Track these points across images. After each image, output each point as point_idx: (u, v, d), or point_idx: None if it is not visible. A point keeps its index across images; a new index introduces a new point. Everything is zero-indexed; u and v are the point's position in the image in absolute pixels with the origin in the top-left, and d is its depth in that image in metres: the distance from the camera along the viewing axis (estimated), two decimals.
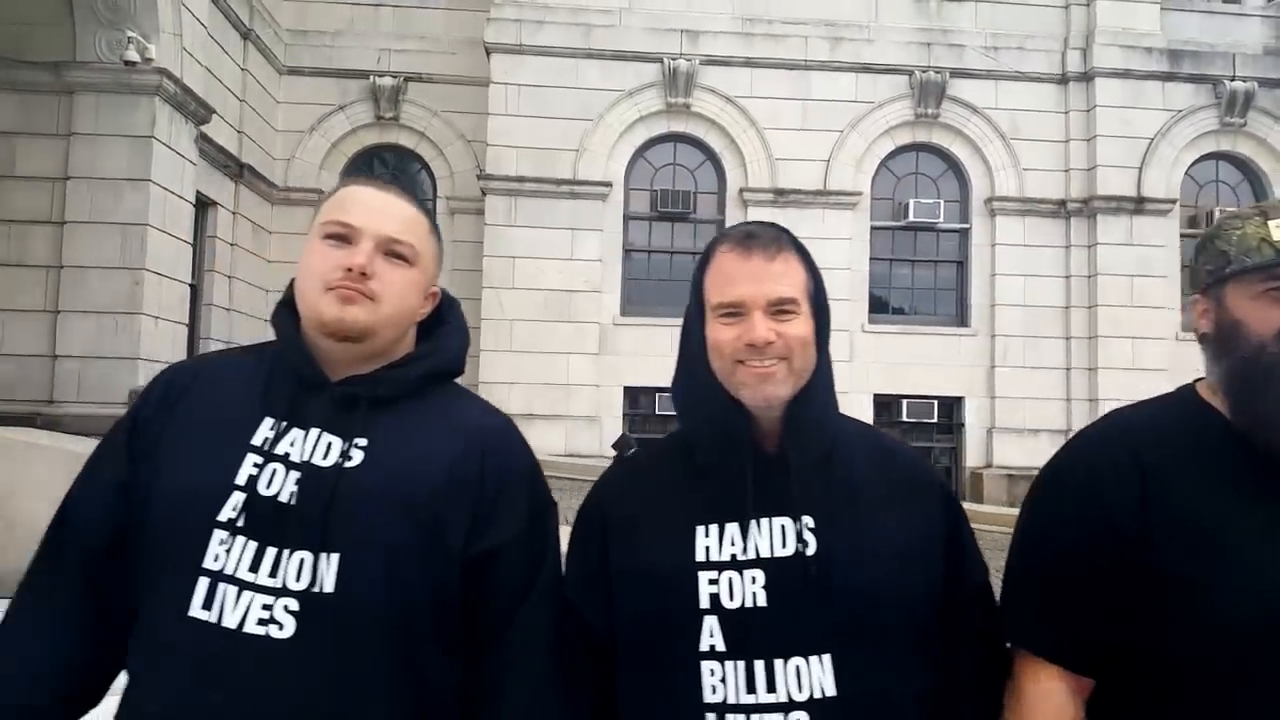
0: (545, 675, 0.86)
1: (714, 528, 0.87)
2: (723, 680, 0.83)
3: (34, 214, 6.01)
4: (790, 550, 0.85)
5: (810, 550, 0.85)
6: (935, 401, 8.98)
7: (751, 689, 0.82)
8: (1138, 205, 9.16)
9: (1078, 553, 0.86)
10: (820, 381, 0.90)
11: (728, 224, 9.37)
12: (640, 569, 0.87)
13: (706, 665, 0.83)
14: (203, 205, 7.55)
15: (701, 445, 0.90)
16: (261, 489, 0.82)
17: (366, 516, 0.81)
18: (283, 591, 0.79)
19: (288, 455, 0.83)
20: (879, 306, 9.18)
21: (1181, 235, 9.39)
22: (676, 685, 0.84)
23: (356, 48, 9.51)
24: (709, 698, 0.83)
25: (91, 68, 6.05)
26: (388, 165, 9.99)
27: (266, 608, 0.79)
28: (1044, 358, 9.19)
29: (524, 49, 8.70)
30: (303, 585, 0.79)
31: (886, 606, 0.85)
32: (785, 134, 8.88)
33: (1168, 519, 0.82)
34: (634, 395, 8.84)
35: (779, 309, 0.88)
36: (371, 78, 9.41)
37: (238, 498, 0.81)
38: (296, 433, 0.84)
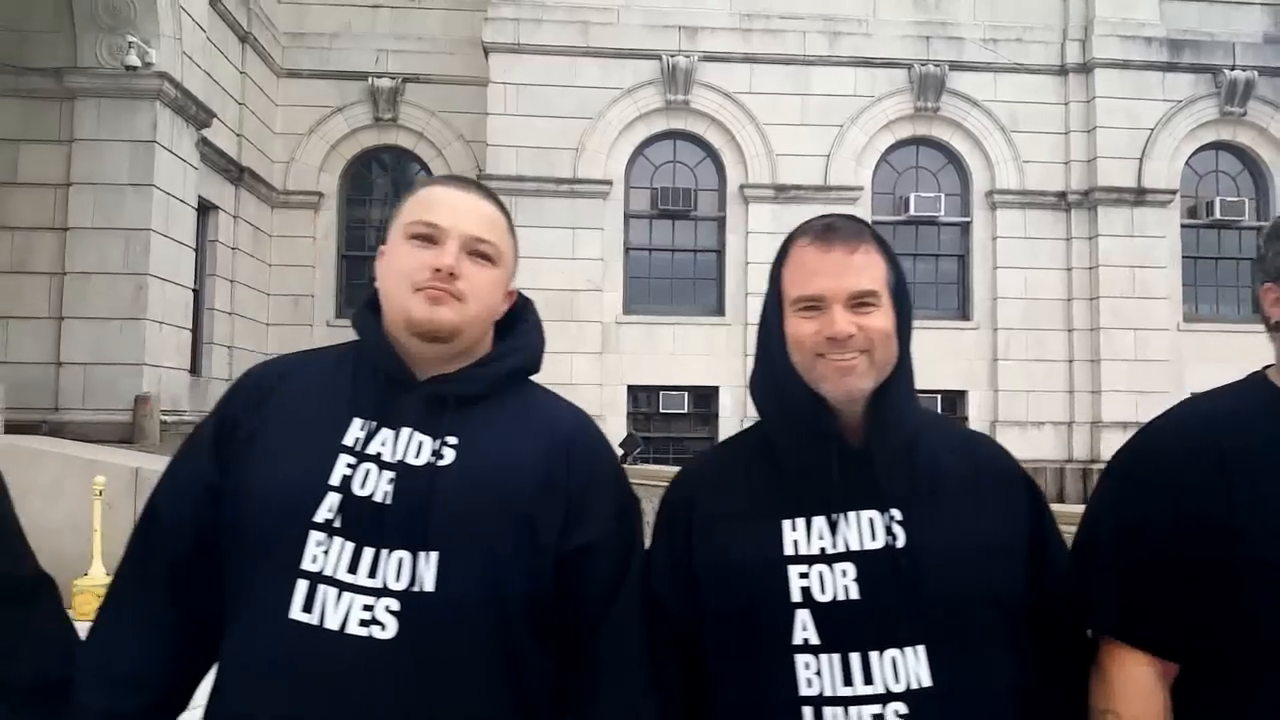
0: (639, 670, 0.87)
1: (800, 521, 0.87)
2: (818, 673, 0.83)
3: (37, 220, 6.02)
4: (879, 543, 0.85)
5: (899, 543, 0.85)
6: (939, 395, 8.98)
7: (848, 681, 0.83)
8: (1138, 196, 9.15)
9: (1162, 539, 0.86)
10: (902, 373, 0.90)
11: (729, 221, 9.41)
12: (727, 563, 0.87)
13: (801, 659, 0.84)
14: (203, 209, 7.56)
15: (785, 440, 0.90)
16: (356, 489, 0.82)
17: (463, 515, 0.82)
18: (383, 592, 0.79)
19: (379, 455, 0.83)
20: None
21: (1182, 226, 9.37)
22: (770, 679, 0.84)
23: (354, 49, 9.51)
24: (805, 691, 0.83)
25: (92, 73, 6.05)
26: (387, 167, 9.99)
27: (368, 608, 0.78)
28: (1046, 350, 9.19)
29: (522, 48, 8.69)
30: (403, 585, 0.79)
31: (976, 598, 0.85)
32: (785, 129, 8.87)
33: (1251, 504, 0.83)
34: (637, 394, 8.85)
35: (860, 302, 0.87)
36: (369, 79, 9.41)
37: (333, 499, 0.81)
38: (386, 433, 0.84)
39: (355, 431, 0.84)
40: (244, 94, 8.59)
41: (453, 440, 0.84)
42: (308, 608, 0.79)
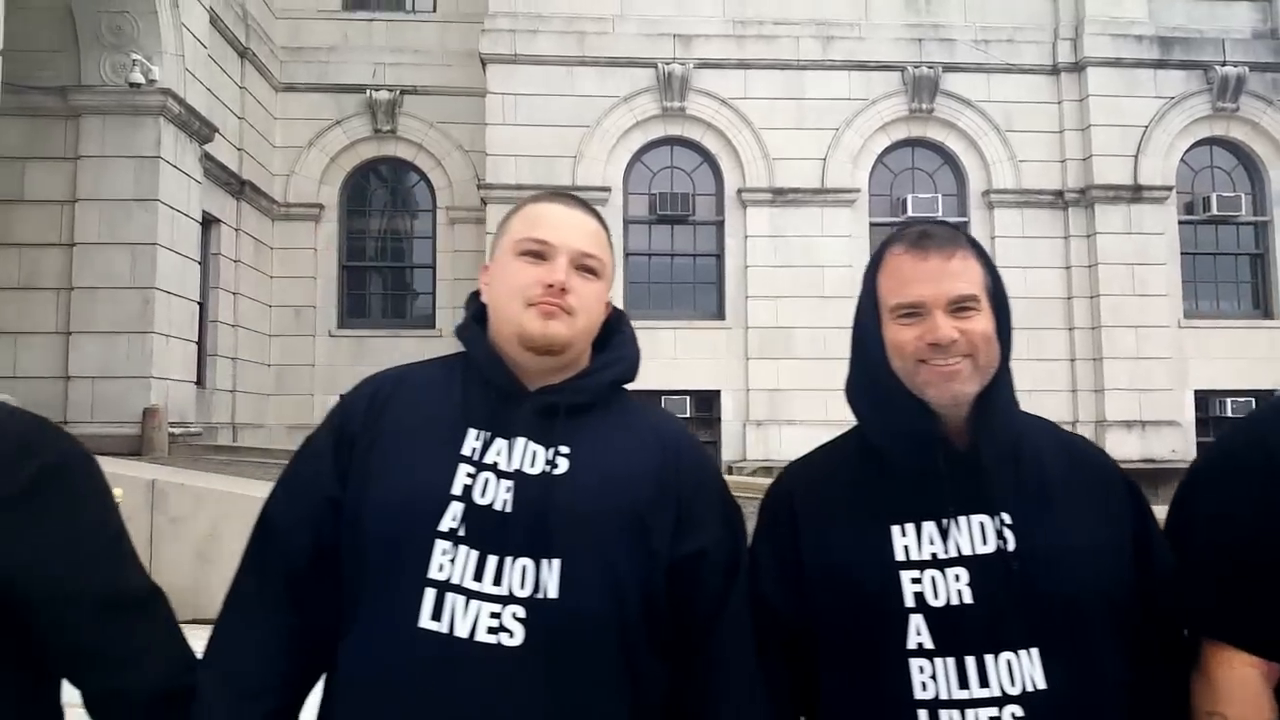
0: (752, 673, 0.89)
1: (910, 527, 0.89)
2: (933, 677, 0.85)
3: (43, 237, 6.09)
4: (991, 548, 0.87)
5: (1010, 546, 0.86)
6: None
7: (964, 684, 0.84)
8: (1135, 193, 9.19)
9: (1256, 537, 0.86)
10: (1004, 376, 0.91)
11: (727, 225, 9.46)
12: (838, 568, 0.90)
13: (915, 663, 0.86)
14: (205, 223, 7.63)
15: (890, 445, 0.92)
16: (476, 498, 0.84)
17: (582, 523, 0.84)
18: (509, 599, 0.81)
19: (496, 464, 0.86)
20: None
21: (1180, 222, 9.42)
22: (884, 682, 0.87)
23: (351, 62, 9.60)
24: (920, 694, 0.85)
25: (97, 91, 6.14)
26: (386, 178, 10.07)
27: (495, 616, 0.81)
28: (1047, 349, 9.21)
29: (519, 58, 8.78)
30: (527, 592, 0.82)
31: (1087, 600, 0.87)
32: (781, 133, 8.94)
33: None
34: (639, 399, 8.86)
35: (960, 306, 0.89)
36: (368, 91, 9.50)
37: (456, 507, 0.84)
38: (500, 442, 0.87)
39: (471, 441, 0.87)
40: (244, 108, 8.67)
41: (565, 449, 0.87)
42: (436, 615, 0.81)
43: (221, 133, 7.58)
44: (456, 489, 0.84)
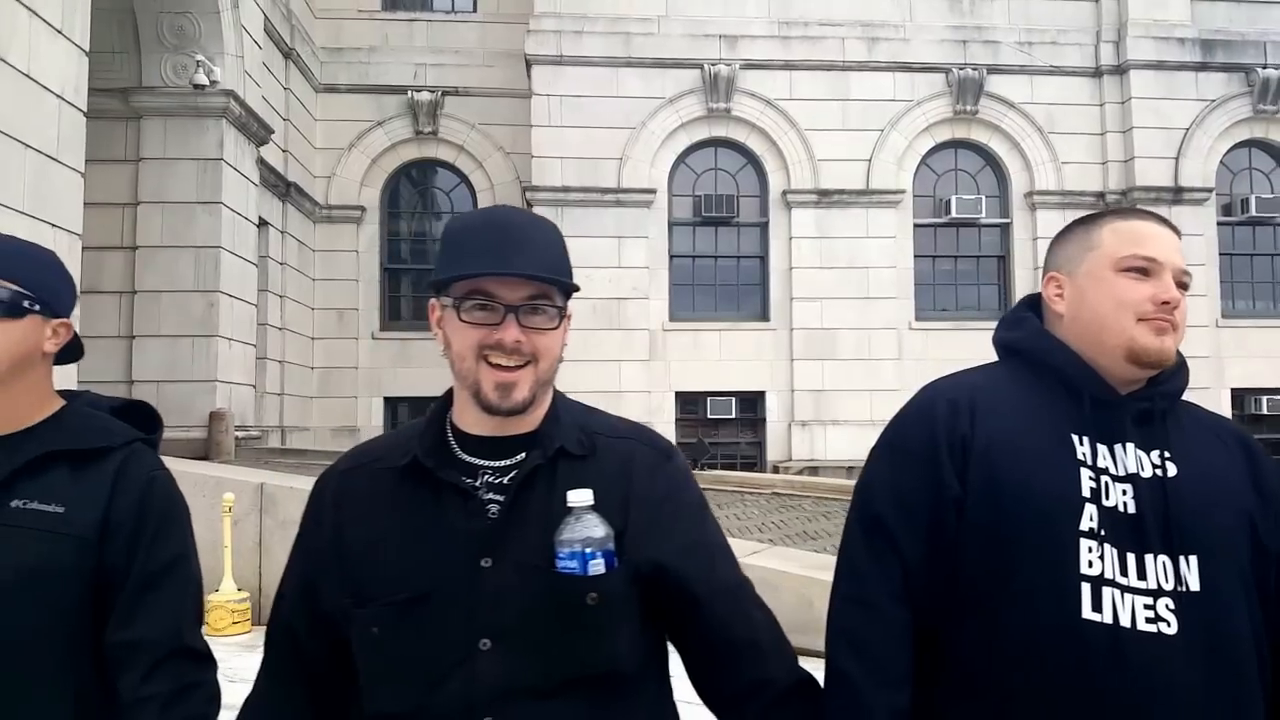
0: None
1: None
2: None
3: (105, 240, 6.05)
4: None
5: None
6: None
7: None
8: (1175, 195, 9.20)
9: None
10: None
11: (771, 226, 9.45)
12: None
13: None
14: (257, 225, 7.59)
15: None
16: (1104, 500, 0.91)
17: (1206, 522, 0.92)
18: (1158, 592, 0.89)
19: (1107, 469, 0.93)
20: (924, 303, 9.21)
21: (1218, 223, 9.43)
22: None
23: (392, 63, 9.57)
24: None
25: (158, 92, 6.10)
26: (427, 180, 10.03)
27: (1148, 607, 0.88)
28: None
29: (564, 60, 8.76)
30: (1171, 586, 0.90)
31: None
32: (826, 135, 8.93)
33: None
34: (685, 400, 8.86)
35: None
36: (409, 93, 9.47)
37: (1090, 509, 0.91)
38: (1102, 447, 0.94)
39: (1079, 447, 0.93)
40: (288, 109, 8.63)
41: (1166, 454, 0.94)
42: (1097, 608, 0.88)
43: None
44: (1085, 491, 0.91)
